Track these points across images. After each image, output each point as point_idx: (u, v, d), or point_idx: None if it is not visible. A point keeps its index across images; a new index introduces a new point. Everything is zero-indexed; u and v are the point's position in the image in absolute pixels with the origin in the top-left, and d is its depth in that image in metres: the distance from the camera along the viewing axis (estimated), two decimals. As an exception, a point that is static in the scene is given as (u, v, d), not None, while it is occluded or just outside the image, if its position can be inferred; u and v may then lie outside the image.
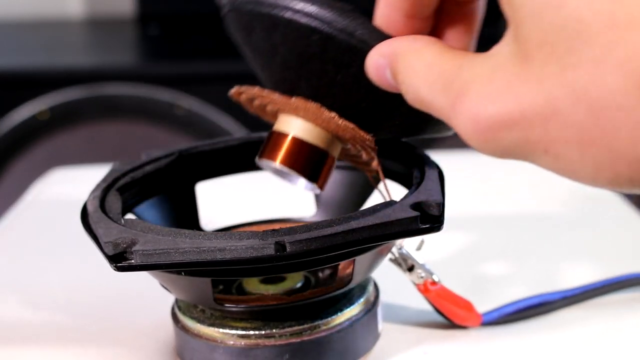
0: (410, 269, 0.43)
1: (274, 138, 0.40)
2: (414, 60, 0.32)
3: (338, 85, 0.37)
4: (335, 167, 0.48)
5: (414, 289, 0.44)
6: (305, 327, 0.40)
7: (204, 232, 0.37)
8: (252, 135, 0.49)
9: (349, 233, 0.35)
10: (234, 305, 0.40)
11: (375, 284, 0.44)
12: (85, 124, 1.26)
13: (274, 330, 0.39)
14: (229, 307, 0.40)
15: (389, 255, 0.43)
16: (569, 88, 0.26)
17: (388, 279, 0.45)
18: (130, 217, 0.41)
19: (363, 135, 0.39)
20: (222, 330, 0.40)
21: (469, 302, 0.45)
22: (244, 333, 0.40)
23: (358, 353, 0.41)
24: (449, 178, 0.41)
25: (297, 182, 0.40)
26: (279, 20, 0.37)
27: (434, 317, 0.45)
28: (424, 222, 0.36)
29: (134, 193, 0.44)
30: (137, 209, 0.44)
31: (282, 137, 0.39)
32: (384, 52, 0.34)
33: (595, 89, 0.25)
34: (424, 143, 0.42)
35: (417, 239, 0.43)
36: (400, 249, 0.43)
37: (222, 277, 0.39)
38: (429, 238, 0.39)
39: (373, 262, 0.40)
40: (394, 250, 0.43)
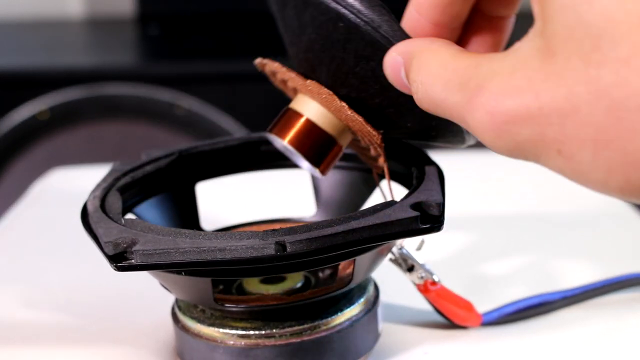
0: (411, 269, 0.43)
1: (288, 115, 0.40)
2: (429, 59, 0.32)
3: (356, 76, 0.37)
4: (335, 167, 0.48)
5: (414, 289, 0.44)
6: (306, 327, 0.40)
7: (204, 232, 0.37)
8: (252, 135, 0.49)
9: (349, 233, 0.35)
10: (234, 305, 0.40)
11: (376, 284, 0.44)
12: (85, 124, 1.26)
13: (274, 330, 0.39)
14: (229, 307, 0.40)
15: (389, 256, 0.43)
16: (591, 86, 0.25)
17: (388, 279, 0.45)
18: (131, 217, 0.41)
19: (370, 131, 0.39)
20: (222, 330, 0.40)
21: (469, 302, 0.45)
22: (244, 333, 0.40)
23: (358, 353, 0.41)
24: (449, 178, 0.41)
25: (301, 162, 0.41)
26: (310, 1, 0.37)
27: (434, 317, 0.45)
28: (424, 222, 0.36)
29: (134, 193, 0.44)
30: (137, 209, 0.44)
31: (296, 116, 0.40)
32: (401, 50, 0.34)
33: (618, 89, 0.25)
34: (424, 143, 0.42)
35: (417, 239, 0.43)
36: (401, 249, 0.43)
37: (222, 277, 0.39)
38: (429, 238, 0.39)
39: (373, 262, 0.40)
40: (394, 251, 0.43)
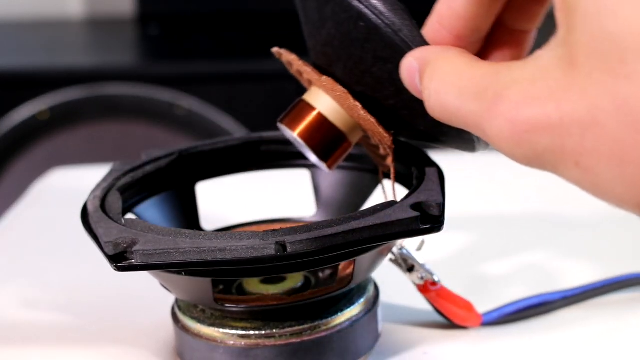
0: (411, 269, 0.43)
1: (300, 107, 0.40)
2: (443, 67, 0.31)
3: (372, 76, 0.37)
4: (337, 167, 0.48)
5: (414, 289, 0.44)
6: (306, 327, 0.40)
7: (205, 232, 0.37)
8: (252, 135, 0.49)
9: (350, 233, 0.35)
10: (234, 305, 0.40)
11: (376, 284, 0.44)
12: (85, 124, 1.26)
13: (274, 331, 0.39)
14: (229, 307, 0.40)
15: (389, 256, 0.43)
16: (614, 100, 0.25)
17: (388, 279, 0.45)
18: (131, 217, 0.41)
19: (382, 132, 0.39)
20: (222, 330, 0.40)
21: (469, 302, 0.45)
22: (244, 333, 0.40)
23: (358, 353, 0.41)
24: (449, 178, 0.41)
25: (309, 155, 0.41)
26: None
27: (434, 317, 0.45)
28: (425, 222, 0.36)
29: (135, 193, 0.44)
30: (137, 209, 0.44)
31: (308, 109, 0.40)
32: (417, 56, 0.33)
33: None
34: (424, 143, 0.42)
35: (417, 240, 0.43)
36: (401, 249, 0.43)
37: (222, 277, 0.39)
38: (429, 238, 0.39)
39: (373, 262, 0.40)
40: (394, 251, 0.43)
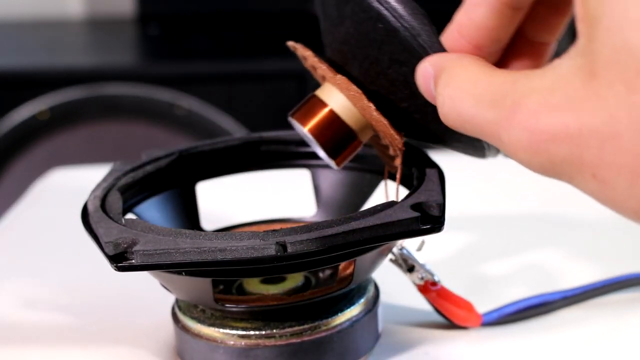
0: (411, 270, 0.43)
1: (313, 103, 0.40)
2: (459, 74, 0.31)
3: (387, 78, 0.37)
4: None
5: (415, 290, 0.44)
6: (306, 327, 0.40)
7: (205, 232, 0.37)
8: (252, 135, 0.49)
9: (350, 233, 0.35)
10: (235, 306, 0.40)
11: (376, 285, 0.44)
12: (85, 124, 1.26)
13: (274, 331, 0.39)
14: (230, 307, 0.40)
15: (390, 256, 0.43)
16: (633, 112, 0.25)
17: (388, 280, 0.45)
18: (131, 217, 0.41)
19: (393, 134, 0.39)
20: (222, 331, 0.40)
21: (469, 302, 0.45)
22: (244, 333, 0.40)
23: (358, 353, 0.41)
24: (450, 178, 0.41)
25: (318, 150, 0.41)
26: None
27: (434, 317, 0.45)
28: (425, 222, 0.36)
29: (135, 193, 0.44)
30: (137, 209, 0.44)
31: (320, 105, 0.39)
32: (433, 62, 0.33)
33: None
34: (425, 143, 0.42)
35: (417, 240, 0.43)
36: (401, 250, 0.43)
37: (222, 277, 0.39)
38: (430, 238, 0.39)
39: (373, 262, 0.40)
40: (395, 251, 0.43)
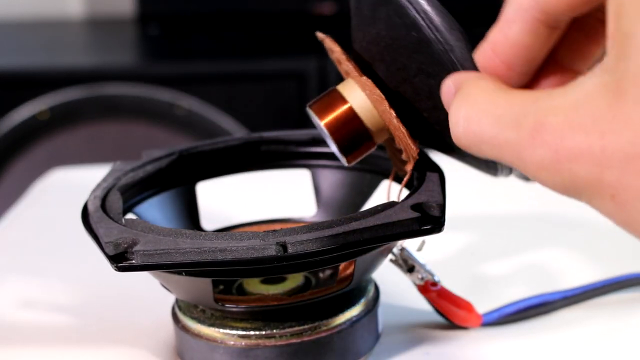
0: (411, 270, 0.43)
1: (333, 97, 0.39)
2: (476, 95, 0.31)
3: (411, 86, 0.37)
4: (336, 167, 0.48)
5: (415, 290, 0.44)
6: (306, 327, 0.40)
7: (205, 232, 0.37)
8: (252, 135, 0.49)
9: (350, 234, 0.35)
10: (235, 306, 0.40)
11: (376, 285, 0.44)
12: (85, 124, 1.26)
13: (275, 331, 0.39)
14: (230, 307, 0.40)
15: (390, 256, 0.43)
16: None
17: (388, 280, 0.45)
18: (131, 217, 0.41)
19: (409, 143, 0.38)
20: (222, 331, 0.40)
21: (469, 302, 0.45)
22: (245, 333, 0.40)
23: (358, 353, 0.41)
24: (450, 178, 0.41)
25: (331, 145, 0.40)
26: (391, 1, 0.36)
27: (435, 317, 0.45)
28: (425, 223, 0.36)
29: (135, 193, 0.44)
30: (137, 209, 0.44)
31: (341, 100, 0.39)
32: (455, 80, 0.33)
33: None
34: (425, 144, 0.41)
35: (417, 240, 0.43)
36: (401, 250, 0.43)
37: (222, 277, 0.39)
38: (430, 238, 0.39)
39: (374, 262, 0.40)
40: (395, 251, 0.43)
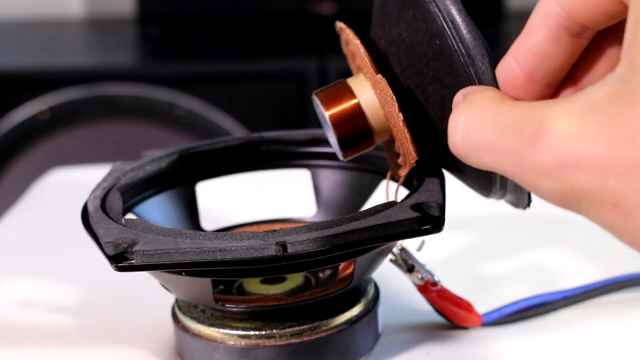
0: (411, 270, 0.43)
1: (342, 89, 0.39)
2: (478, 102, 0.30)
3: (424, 93, 0.37)
4: (336, 167, 0.48)
5: (414, 290, 0.44)
6: (306, 327, 0.40)
7: (205, 232, 0.37)
8: (252, 135, 0.49)
9: (350, 234, 0.35)
10: (235, 306, 0.40)
11: (376, 285, 0.44)
12: (85, 124, 1.26)
13: (274, 331, 0.39)
14: (230, 307, 0.40)
15: (390, 256, 0.43)
16: None
17: (388, 280, 0.45)
18: (131, 217, 0.41)
19: (410, 149, 0.38)
20: (222, 331, 0.40)
21: (469, 302, 0.45)
22: (244, 333, 0.40)
23: (358, 353, 0.41)
24: (450, 178, 0.41)
25: (330, 136, 0.40)
26: (420, 4, 0.35)
27: (434, 317, 0.45)
28: (425, 223, 0.36)
29: (135, 193, 0.44)
30: (137, 209, 0.44)
31: (348, 94, 0.38)
32: (465, 90, 0.33)
33: None
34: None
35: (417, 240, 0.43)
36: (401, 250, 0.43)
37: (222, 277, 0.39)
38: (430, 238, 0.39)
39: (373, 262, 0.40)
40: (395, 251, 0.43)
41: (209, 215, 0.49)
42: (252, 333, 0.40)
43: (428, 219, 0.36)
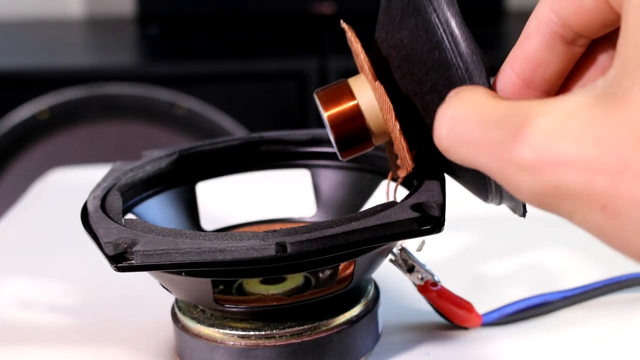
0: (411, 270, 0.43)
1: (342, 90, 0.38)
2: (465, 96, 0.30)
3: (422, 101, 0.36)
4: (336, 167, 0.48)
5: (414, 290, 0.44)
6: (306, 327, 0.40)
7: (205, 232, 0.37)
8: (252, 135, 0.49)
9: (350, 234, 0.35)
10: (234, 306, 0.40)
11: (376, 285, 0.44)
12: (85, 124, 1.26)
13: (274, 331, 0.39)
14: (229, 307, 0.40)
15: (390, 256, 0.43)
16: None
17: (388, 280, 0.45)
18: (131, 217, 0.41)
19: (407, 157, 0.37)
20: (222, 331, 0.40)
21: (469, 302, 0.45)
22: (244, 333, 0.40)
23: (358, 354, 0.41)
24: (450, 178, 0.41)
25: (329, 134, 0.39)
26: (421, 13, 0.35)
27: (434, 317, 0.45)
28: (425, 223, 0.36)
29: (135, 193, 0.44)
30: (137, 209, 0.44)
31: (348, 95, 0.38)
32: (457, 89, 0.32)
33: None
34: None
35: (417, 240, 0.43)
36: (401, 250, 0.43)
37: (222, 277, 0.39)
38: (430, 238, 0.39)
39: (373, 262, 0.40)
40: (395, 251, 0.43)
41: (209, 215, 0.49)
42: (252, 333, 0.40)
43: (428, 219, 0.36)
